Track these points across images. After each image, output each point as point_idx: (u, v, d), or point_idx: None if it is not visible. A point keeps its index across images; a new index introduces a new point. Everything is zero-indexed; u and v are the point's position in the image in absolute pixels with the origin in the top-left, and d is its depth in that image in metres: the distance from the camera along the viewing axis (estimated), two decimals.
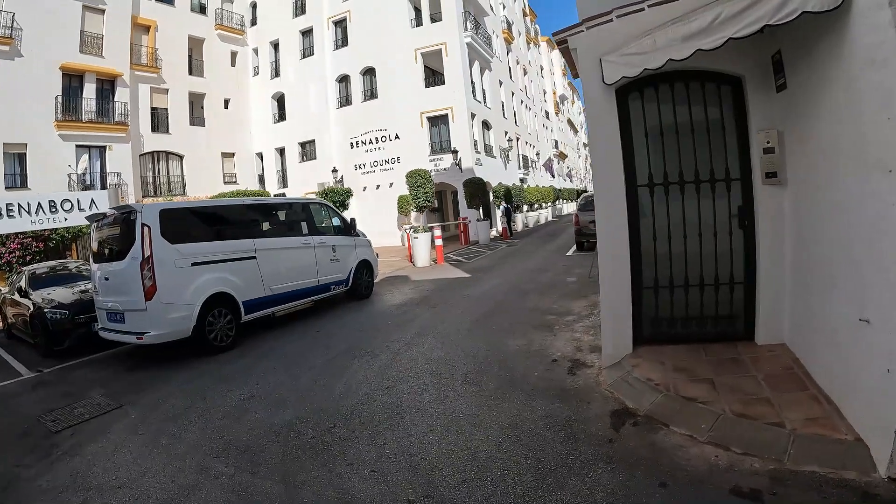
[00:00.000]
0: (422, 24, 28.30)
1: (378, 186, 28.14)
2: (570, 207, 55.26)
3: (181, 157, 29.19)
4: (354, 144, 29.42)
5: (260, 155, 33.87)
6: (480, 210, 25.18)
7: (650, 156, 5.35)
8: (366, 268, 11.83)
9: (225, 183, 30.72)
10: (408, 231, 19.25)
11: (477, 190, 23.70)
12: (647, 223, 5.36)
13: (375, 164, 28.74)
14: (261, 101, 33.54)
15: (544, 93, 52.14)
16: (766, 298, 5.10)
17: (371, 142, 28.87)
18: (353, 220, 11.91)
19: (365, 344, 7.62)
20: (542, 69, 52.97)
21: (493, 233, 26.49)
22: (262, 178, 33.38)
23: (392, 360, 6.73)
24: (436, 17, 27.99)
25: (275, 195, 28.46)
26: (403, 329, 8.30)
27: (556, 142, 56.75)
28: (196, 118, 30.44)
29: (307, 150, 31.70)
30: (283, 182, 32.22)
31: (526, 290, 10.73)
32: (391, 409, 5.14)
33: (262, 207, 9.88)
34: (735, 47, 4.05)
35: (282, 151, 32.91)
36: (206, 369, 7.12)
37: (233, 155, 32.56)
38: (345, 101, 30.29)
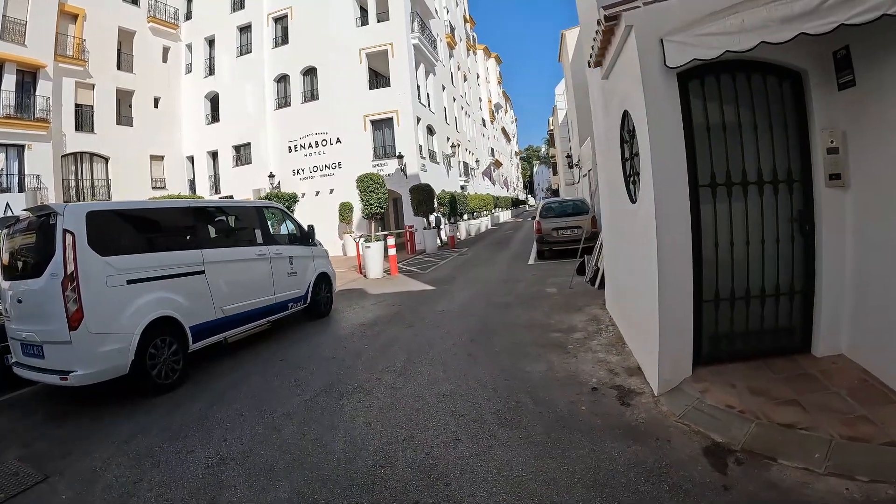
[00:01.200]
0: (367, 24, 27.03)
1: (318, 193, 26.50)
2: (505, 216, 55.19)
3: (106, 160, 26.61)
4: (293, 148, 27.65)
5: (191, 158, 31.27)
6: (435, 217, 24.12)
7: (712, 153, 4.79)
8: (325, 282, 10.43)
9: (153, 188, 28.23)
10: (357, 240, 17.95)
11: (425, 197, 22.60)
12: (708, 228, 4.80)
13: (315, 169, 27.07)
14: (193, 101, 31.05)
15: (480, 100, 51.77)
16: (827, 308, 4.75)
17: (311, 146, 27.19)
18: (311, 227, 10.44)
19: (347, 376, 6.28)
20: (478, 77, 52.56)
21: (440, 241, 25.43)
22: (192, 184, 30.77)
23: (392, 397, 5.45)
24: (382, 17, 26.84)
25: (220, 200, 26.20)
26: (387, 355, 7.04)
27: (493, 150, 56.54)
28: (123, 117, 27.87)
29: (242, 153, 29.55)
30: (216, 188, 29.84)
31: (507, 304, 9.84)
32: (425, 472, 3.88)
33: (211, 211, 8.20)
34: (800, 39, 3.67)
35: (214, 155, 30.51)
36: (153, 418, 5.49)
37: (162, 158, 29.98)
38: (283, 102, 28.48)
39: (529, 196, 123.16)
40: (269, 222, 9.15)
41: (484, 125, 52.73)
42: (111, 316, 5.80)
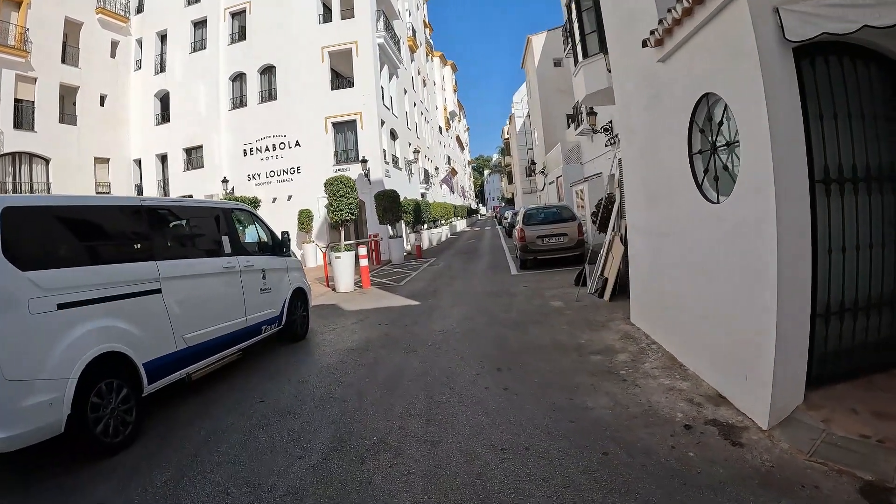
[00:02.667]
0: (331, 21, 25.44)
1: (275, 199, 24.65)
2: (462, 225, 54.32)
3: (47, 161, 23.90)
4: (248, 152, 25.72)
5: (138, 162, 28.65)
6: (404, 226, 22.80)
7: (825, 144, 4.20)
8: (301, 299, 8.93)
9: (97, 193, 25.51)
10: (323, 250, 16.44)
11: (390, 204, 21.20)
12: (822, 231, 4.18)
13: (272, 173, 25.24)
14: (142, 100, 28.46)
15: (436, 108, 50.68)
16: None
17: (268, 149, 25.33)
18: (285, 234, 8.90)
19: (359, 426, 4.88)
20: (434, 84, 51.51)
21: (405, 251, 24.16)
22: (140, 189, 28.18)
23: (433, 457, 4.13)
24: (346, 14, 25.32)
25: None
26: (399, 392, 5.70)
27: (448, 157, 55.56)
28: (67, 115, 25.15)
29: (193, 157, 27.27)
30: (165, 194, 27.29)
31: (516, 322, 8.68)
32: None
33: (169, 213, 6.54)
34: None
35: (164, 158, 28.04)
36: (97, 499, 3.92)
37: (107, 161, 27.28)
38: (239, 102, 26.49)
39: (481, 206, 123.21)
40: (238, 228, 7.60)
41: (440, 132, 51.70)
42: (36, 355, 4.13)
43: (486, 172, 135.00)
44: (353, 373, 6.55)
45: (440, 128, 51.62)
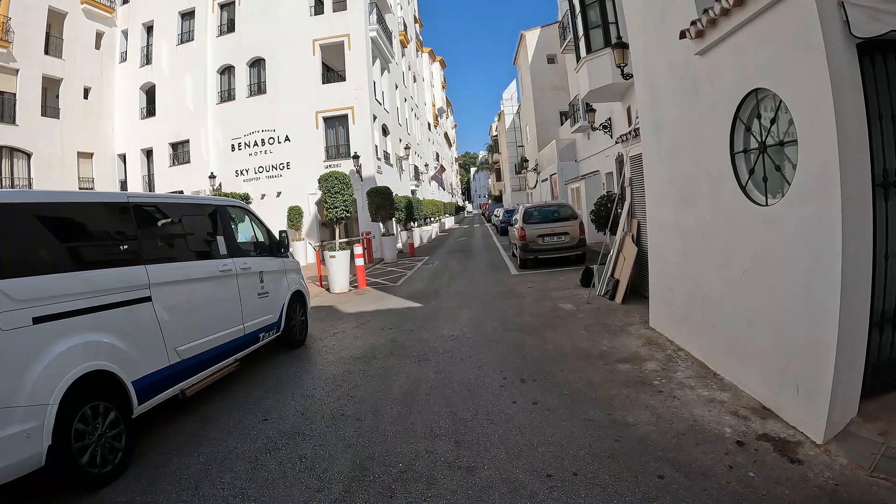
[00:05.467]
0: (323, 13, 24.96)
1: (263, 196, 24.10)
2: (450, 222, 54.04)
3: (29, 156, 23.20)
4: (236, 146, 25.14)
5: (123, 157, 27.89)
6: (395, 223, 22.41)
7: (884, 145, 3.91)
8: (299, 302, 8.52)
9: (80, 188, 24.79)
10: (316, 248, 16.02)
11: (383, 201, 20.81)
12: (880, 236, 3.92)
13: (260, 169, 24.70)
14: (127, 93, 27.66)
15: (425, 104, 50.23)
16: None
17: (256, 144, 24.78)
18: (284, 233, 8.46)
19: (379, 450, 4.44)
20: (423, 80, 51.05)
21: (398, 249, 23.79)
22: (124, 185, 27.43)
23: (471, 487, 3.73)
24: (339, 6, 24.88)
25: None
26: (418, 408, 5.30)
27: (437, 154, 55.17)
28: (49, 108, 24.41)
29: (180, 151, 26.58)
30: (150, 190, 26.63)
31: (531, 326, 8.31)
32: None
33: (158, 210, 5.94)
34: None
35: (149, 153, 27.31)
36: None
37: (91, 155, 26.55)
38: (227, 95, 25.89)
39: (467, 203, 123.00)
40: (233, 228, 7.15)
41: (429, 129, 51.30)
42: (9, 379, 3.59)
43: (472, 170, 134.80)
44: (363, 385, 6.14)
45: (429, 124, 51.25)
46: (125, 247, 5.06)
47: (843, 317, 3.66)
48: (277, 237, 8.21)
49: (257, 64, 25.50)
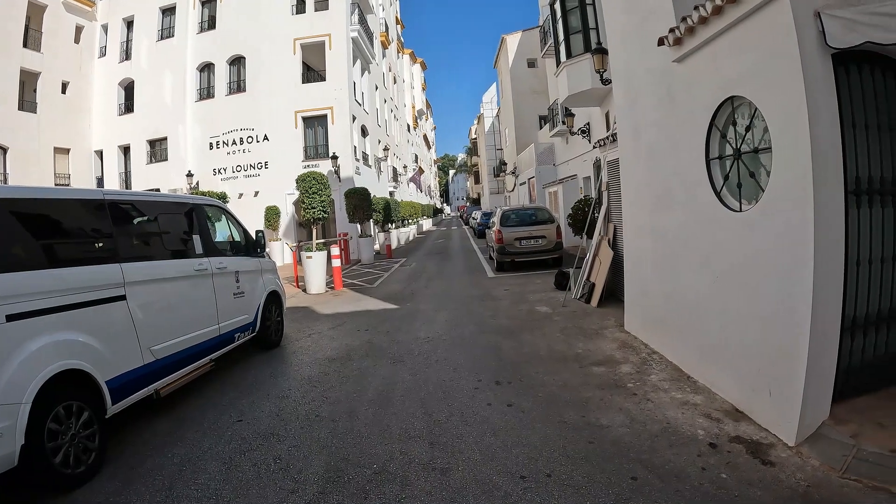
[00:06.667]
0: (304, 12, 24.77)
1: (241, 195, 23.80)
2: (427, 224, 54.00)
3: (4, 150, 22.53)
4: (214, 145, 24.78)
5: (100, 153, 27.20)
6: (373, 225, 22.32)
7: (857, 154, 4.10)
8: (275, 303, 8.43)
9: (57, 184, 24.13)
10: (293, 248, 15.89)
11: (361, 202, 20.72)
12: (852, 243, 4.06)
13: (238, 168, 24.39)
14: (106, 88, 26.99)
15: (405, 105, 50.13)
16: None
17: (234, 142, 24.47)
18: (260, 233, 8.37)
19: (354, 451, 4.41)
20: (404, 81, 50.92)
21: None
22: (101, 181, 26.74)
23: (445, 489, 3.73)
24: (321, 5, 24.72)
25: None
26: (393, 410, 5.28)
27: (416, 156, 55.07)
28: (26, 102, 23.74)
29: (157, 149, 26.07)
30: (127, 187, 26.04)
31: (507, 329, 8.36)
32: None
33: (134, 207, 5.83)
34: None
35: (126, 150, 26.71)
36: None
37: (67, 151, 25.85)
38: (206, 93, 25.49)
39: (445, 205, 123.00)
40: (209, 227, 7.06)
41: (409, 130, 51.20)
42: None
43: (451, 172, 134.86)
44: (338, 387, 6.10)
45: (408, 126, 51.15)
46: (100, 244, 4.97)
47: (814, 322, 3.74)
48: (254, 237, 8.13)
49: (237, 62, 25.20)
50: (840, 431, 3.87)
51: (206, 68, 25.69)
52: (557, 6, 15.63)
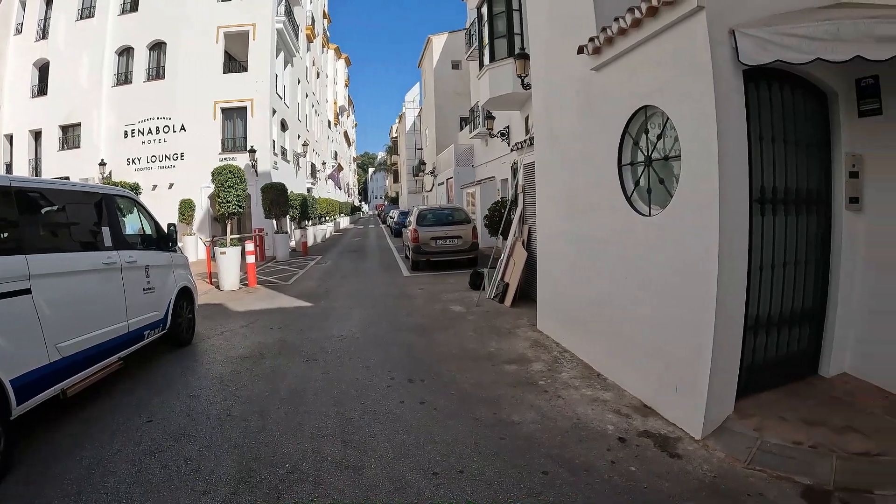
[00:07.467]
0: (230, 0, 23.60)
1: (155, 187, 22.34)
2: (345, 222, 53.36)
3: None
4: (130, 133, 23.04)
5: (10, 138, 24.62)
6: (289, 221, 21.72)
7: (763, 165, 4.42)
8: (187, 299, 8.01)
9: None
10: (207, 243, 15.27)
11: (278, 197, 20.17)
12: (754, 248, 4.35)
13: (153, 159, 22.84)
14: (19, 68, 24.47)
15: (327, 101, 49.17)
16: (840, 328, 4.83)
17: (150, 131, 22.88)
18: (172, 226, 7.95)
19: (266, 451, 4.25)
20: (327, 76, 49.91)
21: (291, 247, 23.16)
22: (9, 168, 24.07)
23: (357, 486, 3.66)
24: None
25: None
26: (305, 409, 5.14)
27: (336, 153, 54.19)
28: None
29: (70, 135, 23.84)
30: (37, 174, 23.48)
31: (420, 327, 8.39)
32: None
33: (42, 196, 5.34)
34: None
35: (38, 135, 24.25)
36: None
37: None
38: (124, 78, 23.61)
39: (364, 203, 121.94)
40: (120, 218, 6.63)
41: (329, 127, 50.25)
42: None
43: (370, 170, 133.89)
44: (250, 385, 5.88)
45: (329, 122, 50.18)
46: (5, 234, 4.55)
47: (718, 322, 3.96)
48: (166, 230, 7.71)
49: (158, 47, 23.56)
50: (744, 425, 4.09)
51: (126, 52, 23.89)
52: (485, 10, 15.83)
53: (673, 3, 4.03)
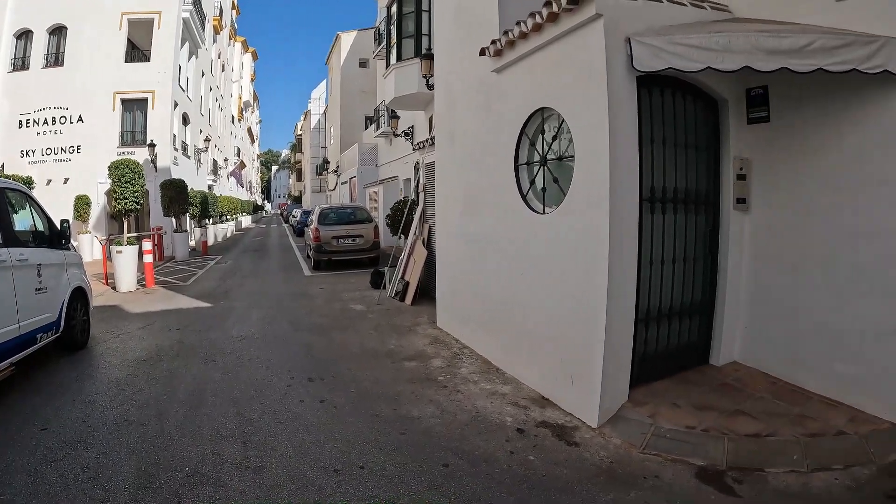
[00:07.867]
0: None
1: (49, 182, 20.28)
2: (247, 221, 51.68)
3: None
4: (25, 123, 20.85)
5: None
6: (189, 219, 20.70)
7: (653, 166, 4.68)
8: (81, 300, 7.42)
9: None
10: (103, 242, 14.34)
11: (177, 194, 19.22)
12: (644, 244, 4.60)
13: (48, 151, 20.76)
14: None
15: (231, 95, 47.26)
16: (728, 319, 5.15)
17: (46, 122, 20.76)
18: (66, 223, 7.36)
19: (165, 455, 4.04)
20: (233, 70, 47.90)
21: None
22: None
23: (259, 487, 3.57)
24: None
25: None
26: (204, 411, 4.93)
27: (239, 149, 52.23)
28: None
29: None
30: None
31: (319, 326, 8.33)
32: None
33: None
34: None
35: None
36: None
37: None
38: (21, 63, 21.27)
39: (266, 202, 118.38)
40: (9, 213, 6.09)
41: (233, 122, 48.28)
42: None
43: (274, 168, 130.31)
44: (147, 389, 5.57)
45: (233, 117, 48.19)
46: None
47: (610, 314, 4.16)
48: (59, 227, 7.15)
49: (59, 32, 21.40)
50: (639, 412, 4.28)
51: (24, 35, 21.53)
52: (395, 9, 15.83)
53: (573, 10, 4.18)
